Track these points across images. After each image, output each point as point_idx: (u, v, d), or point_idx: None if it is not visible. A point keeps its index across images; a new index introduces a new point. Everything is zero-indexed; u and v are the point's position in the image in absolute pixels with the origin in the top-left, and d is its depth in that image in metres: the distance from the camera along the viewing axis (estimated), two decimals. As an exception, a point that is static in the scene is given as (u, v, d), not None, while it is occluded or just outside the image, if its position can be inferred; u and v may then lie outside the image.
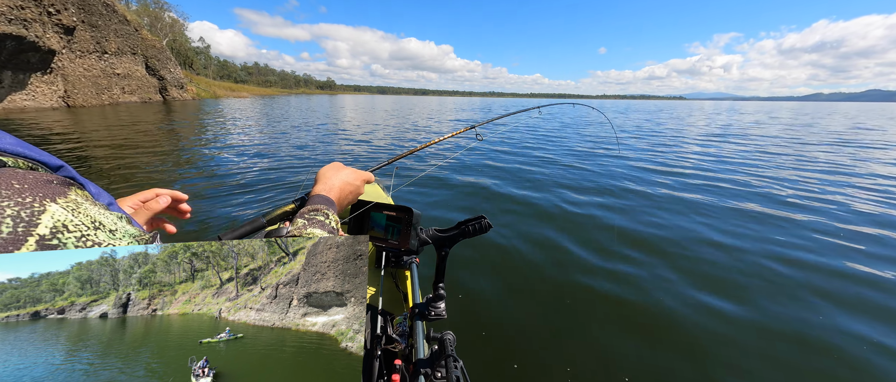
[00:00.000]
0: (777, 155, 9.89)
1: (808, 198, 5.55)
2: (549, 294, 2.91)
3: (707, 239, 3.90)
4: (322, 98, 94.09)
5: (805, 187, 6.27)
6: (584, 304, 2.78)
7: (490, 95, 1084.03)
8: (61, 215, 0.34)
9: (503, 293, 2.90)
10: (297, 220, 0.65)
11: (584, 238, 3.93)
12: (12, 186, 0.32)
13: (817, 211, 4.93)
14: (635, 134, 15.30)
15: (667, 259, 3.45)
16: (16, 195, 0.32)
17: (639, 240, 3.87)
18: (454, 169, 7.39)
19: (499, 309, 2.71)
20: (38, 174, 0.35)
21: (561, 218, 4.60)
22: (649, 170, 7.68)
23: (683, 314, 2.64)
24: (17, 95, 20.97)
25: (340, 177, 0.81)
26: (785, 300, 2.82)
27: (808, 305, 2.76)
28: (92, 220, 0.37)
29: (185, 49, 79.79)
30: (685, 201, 5.35)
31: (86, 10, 27.00)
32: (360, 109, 31.15)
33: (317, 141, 11.70)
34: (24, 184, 0.33)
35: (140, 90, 34.85)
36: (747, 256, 3.52)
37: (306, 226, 0.63)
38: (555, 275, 3.17)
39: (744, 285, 3.02)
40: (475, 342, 2.33)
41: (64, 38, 24.07)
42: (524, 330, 2.47)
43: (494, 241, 3.78)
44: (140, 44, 35.24)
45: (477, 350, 2.25)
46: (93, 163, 7.41)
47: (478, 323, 2.51)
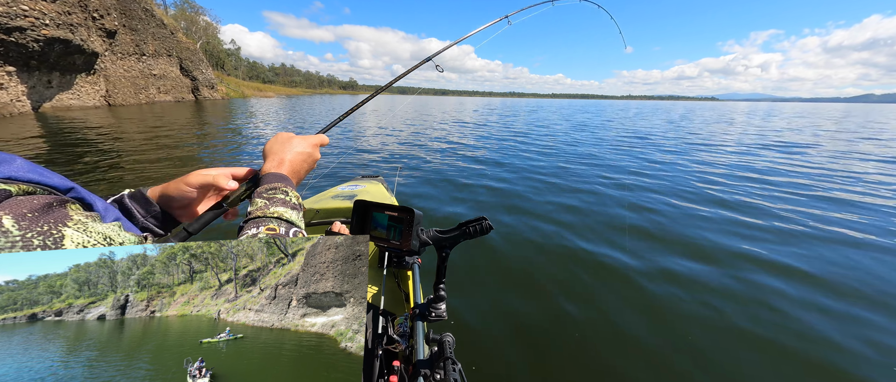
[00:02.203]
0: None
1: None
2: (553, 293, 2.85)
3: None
4: (344, 98, 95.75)
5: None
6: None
7: (510, 95, 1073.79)
8: (78, 237, 0.35)
9: (506, 294, 2.86)
10: (256, 201, 0.61)
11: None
12: (26, 216, 0.33)
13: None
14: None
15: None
16: (35, 225, 0.33)
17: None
18: (456, 168, 7.36)
19: (500, 311, 2.67)
20: (39, 198, 0.36)
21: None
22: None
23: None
24: (64, 94, 22.39)
25: (290, 148, 0.75)
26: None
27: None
28: (104, 236, 0.38)
29: (218, 51, 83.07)
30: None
31: (127, 15, 28.60)
32: (378, 112, 31.43)
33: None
34: (34, 212, 0.34)
35: (174, 90, 36.53)
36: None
37: (268, 206, 0.59)
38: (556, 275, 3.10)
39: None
40: (475, 344, 2.30)
41: (106, 41, 25.51)
42: (523, 334, 2.43)
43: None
44: (175, 46, 36.95)
45: (476, 354, 2.22)
46: (131, 156, 7.81)
47: (477, 326, 2.48)
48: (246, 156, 8.79)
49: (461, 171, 7.08)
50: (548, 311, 2.69)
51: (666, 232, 4.13)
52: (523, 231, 4.14)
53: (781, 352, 2.29)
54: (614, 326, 2.52)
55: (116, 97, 27.30)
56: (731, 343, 2.35)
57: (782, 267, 3.30)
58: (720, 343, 2.36)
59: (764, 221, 4.51)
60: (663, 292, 2.91)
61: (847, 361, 2.21)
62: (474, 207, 5.11)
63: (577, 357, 2.23)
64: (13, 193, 0.35)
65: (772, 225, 4.38)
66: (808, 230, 4.21)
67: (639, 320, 2.58)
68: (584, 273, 3.20)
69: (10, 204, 0.33)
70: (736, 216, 4.70)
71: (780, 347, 2.32)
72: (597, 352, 2.28)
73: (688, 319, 2.59)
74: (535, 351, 2.27)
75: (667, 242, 3.84)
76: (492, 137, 13.26)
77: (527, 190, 5.88)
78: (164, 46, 34.49)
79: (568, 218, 4.59)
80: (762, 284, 3.02)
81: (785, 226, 4.31)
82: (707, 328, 2.50)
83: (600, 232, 4.09)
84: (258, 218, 0.57)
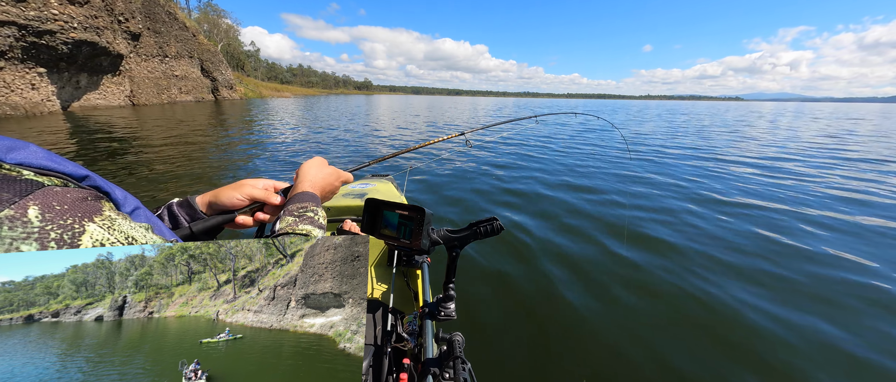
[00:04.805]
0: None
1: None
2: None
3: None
4: (359, 98, 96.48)
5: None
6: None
7: (524, 96, 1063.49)
8: (99, 234, 0.35)
9: (514, 297, 2.83)
10: (285, 217, 0.64)
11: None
12: (54, 208, 0.33)
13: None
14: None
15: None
16: (58, 217, 0.33)
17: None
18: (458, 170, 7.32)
19: (506, 313, 2.64)
20: (74, 192, 0.36)
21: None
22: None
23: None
24: (91, 94, 23.31)
25: (323, 175, 0.80)
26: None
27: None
28: (126, 237, 0.38)
29: (238, 53, 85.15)
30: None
31: (151, 18, 29.57)
32: (393, 109, 31.50)
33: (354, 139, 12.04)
34: (63, 205, 0.34)
35: (195, 90, 37.56)
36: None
37: (297, 223, 0.62)
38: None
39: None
40: (484, 345, 2.28)
41: (131, 43, 26.39)
42: (535, 337, 2.39)
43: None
44: (197, 48, 37.99)
45: (485, 354, 2.20)
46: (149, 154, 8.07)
47: (488, 327, 2.46)
48: (261, 152, 8.95)
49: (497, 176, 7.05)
50: (560, 311, 2.65)
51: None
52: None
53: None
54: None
55: (140, 97, 28.23)
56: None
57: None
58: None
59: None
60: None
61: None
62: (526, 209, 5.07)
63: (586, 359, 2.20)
64: (45, 184, 0.35)
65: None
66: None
67: (664, 335, 2.51)
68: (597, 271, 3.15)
69: (42, 195, 0.33)
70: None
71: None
72: (609, 353, 2.24)
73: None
74: (546, 353, 2.24)
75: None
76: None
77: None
78: (185, 48, 35.51)
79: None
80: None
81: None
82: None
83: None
84: (287, 234, 0.59)
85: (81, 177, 0.42)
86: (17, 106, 17.45)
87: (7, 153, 0.36)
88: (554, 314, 2.64)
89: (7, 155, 0.36)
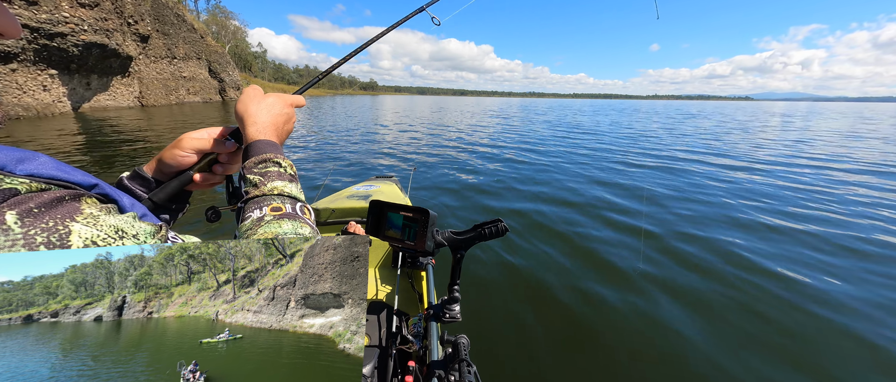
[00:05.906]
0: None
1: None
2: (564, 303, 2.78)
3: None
4: (364, 98, 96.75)
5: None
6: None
7: (530, 96, 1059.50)
8: (86, 232, 0.34)
9: (521, 300, 2.81)
10: (249, 178, 0.56)
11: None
12: (32, 212, 0.32)
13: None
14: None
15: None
16: (38, 221, 0.32)
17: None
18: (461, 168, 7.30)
19: (512, 317, 2.63)
20: (50, 193, 0.36)
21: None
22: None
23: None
24: (101, 95, 23.67)
25: (267, 109, 0.66)
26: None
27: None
28: (115, 229, 0.37)
29: (245, 54, 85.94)
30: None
31: (160, 21, 29.94)
32: (396, 108, 31.60)
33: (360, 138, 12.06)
34: (40, 208, 0.33)
35: (202, 91, 37.96)
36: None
37: (263, 182, 0.55)
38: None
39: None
40: (490, 348, 2.27)
41: (140, 45, 26.77)
42: (540, 340, 2.37)
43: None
44: (204, 49, 38.42)
45: (491, 357, 2.19)
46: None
47: (493, 330, 2.45)
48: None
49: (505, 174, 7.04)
50: (566, 317, 2.63)
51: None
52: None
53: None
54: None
55: (149, 98, 28.59)
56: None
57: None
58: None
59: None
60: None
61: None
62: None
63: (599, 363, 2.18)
64: (21, 191, 0.34)
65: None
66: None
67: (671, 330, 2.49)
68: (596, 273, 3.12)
69: (16, 201, 0.33)
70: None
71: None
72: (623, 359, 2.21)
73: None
74: (553, 357, 2.23)
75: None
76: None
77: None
78: (194, 50, 35.92)
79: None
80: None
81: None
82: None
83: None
84: (257, 197, 0.54)
85: (90, 185, 0.42)
86: (29, 107, 17.75)
87: (17, 165, 0.36)
88: (561, 318, 2.62)
89: (17, 166, 0.36)
